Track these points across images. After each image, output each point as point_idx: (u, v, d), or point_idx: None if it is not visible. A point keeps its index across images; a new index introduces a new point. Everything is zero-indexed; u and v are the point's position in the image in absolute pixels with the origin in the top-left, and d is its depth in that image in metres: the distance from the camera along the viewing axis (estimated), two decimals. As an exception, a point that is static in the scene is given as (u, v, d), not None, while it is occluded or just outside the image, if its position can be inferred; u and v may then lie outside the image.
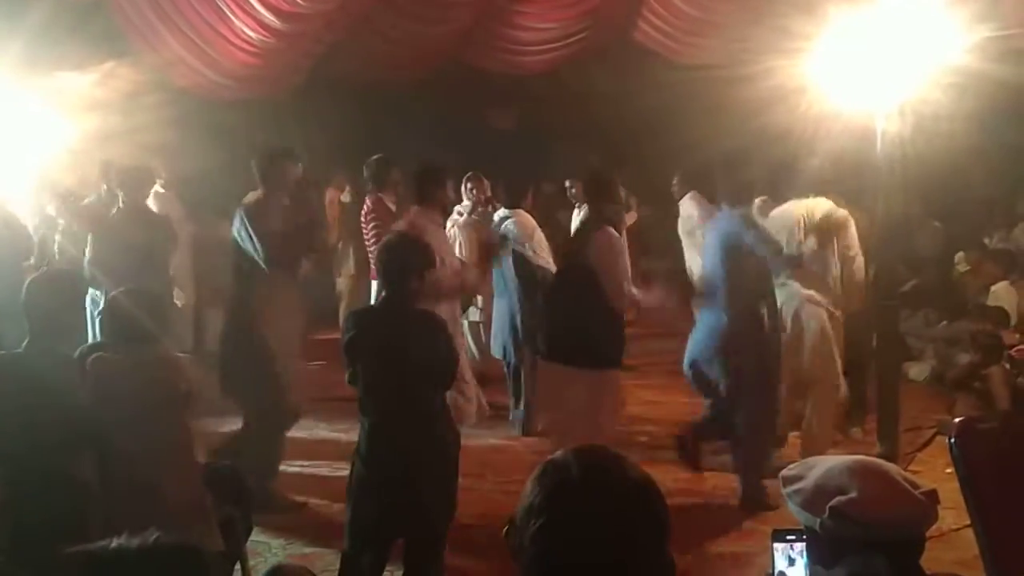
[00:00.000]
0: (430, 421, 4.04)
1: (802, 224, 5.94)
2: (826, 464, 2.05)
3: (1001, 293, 8.14)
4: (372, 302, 6.31)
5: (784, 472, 2.14)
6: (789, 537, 2.24)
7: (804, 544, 2.12)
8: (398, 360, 3.95)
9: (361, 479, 4.02)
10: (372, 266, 6.15)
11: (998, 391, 6.94)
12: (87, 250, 6.58)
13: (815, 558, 2.03)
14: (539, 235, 6.99)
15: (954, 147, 7.81)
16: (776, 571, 2.27)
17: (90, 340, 5.18)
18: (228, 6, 6.83)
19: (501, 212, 7.13)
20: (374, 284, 6.39)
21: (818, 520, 1.95)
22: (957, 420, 3.77)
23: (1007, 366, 7.11)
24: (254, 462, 5.08)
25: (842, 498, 1.92)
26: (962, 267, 9.54)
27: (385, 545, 4.11)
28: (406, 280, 4.08)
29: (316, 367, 7.49)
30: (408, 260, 4.11)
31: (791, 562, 2.25)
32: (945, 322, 8.66)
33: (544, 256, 6.89)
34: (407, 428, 3.95)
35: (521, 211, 7.04)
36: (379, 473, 3.98)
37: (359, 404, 4.07)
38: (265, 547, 5.00)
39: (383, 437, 3.99)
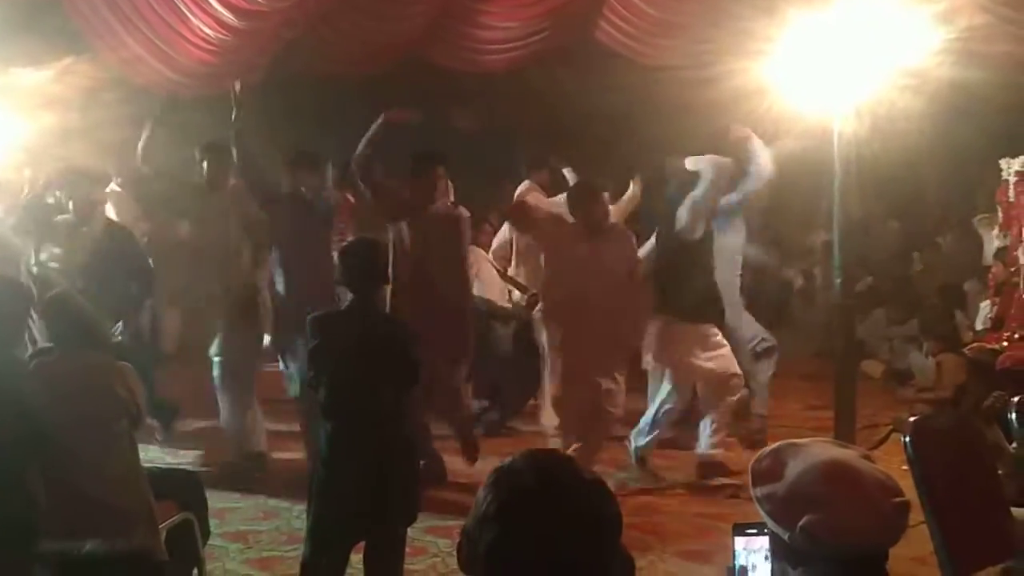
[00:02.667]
0: (396, 422, 4.03)
1: None
2: (800, 463, 1.93)
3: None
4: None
5: (754, 465, 1.99)
6: (750, 531, 2.19)
7: (767, 539, 2.08)
8: (367, 364, 3.94)
9: (323, 483, 3.99)
10: None
11: (946, 378, 6.94)
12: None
13: (779, 556, 2.01)
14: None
15: (909, 148, 7.92)
16: (737, 566, 2.24)
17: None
18: (186, 4, 6.73)
19: None
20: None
21: (787, 534, 1.91)
22: (912, 419, 3.82)
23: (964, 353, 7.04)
24: None
25: (812, 518, 1.87)
26: (917, 266, 9.68)
27: (346, 548, 4.08)
28: (372, 284, 4.08)
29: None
30: (373, 264, 4.10)
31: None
32: (909, 322, 8.76)
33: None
34: (373, 430, 3.94)
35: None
36: (343, 475, 3.95)
37: (321, 408, 4.03)
38: (223, 551, 4.95)
39: (347, 440, 3.96)
